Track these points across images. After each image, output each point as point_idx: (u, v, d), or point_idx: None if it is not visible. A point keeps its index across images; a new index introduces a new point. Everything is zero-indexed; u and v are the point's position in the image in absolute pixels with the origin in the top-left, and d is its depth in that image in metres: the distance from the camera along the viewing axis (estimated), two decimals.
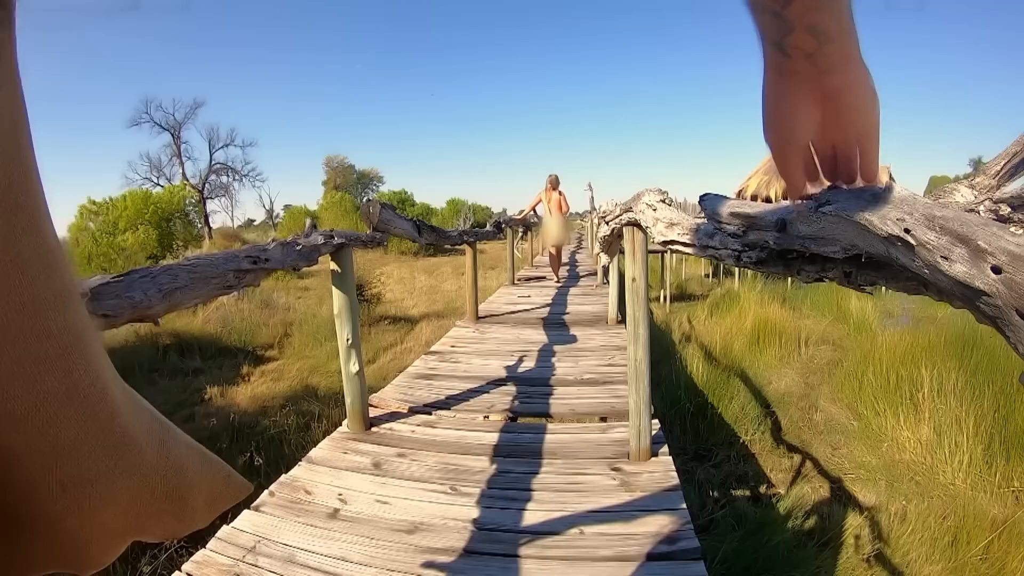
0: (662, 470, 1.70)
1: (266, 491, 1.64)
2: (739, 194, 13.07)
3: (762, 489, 2.68)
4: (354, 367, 2.08)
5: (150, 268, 1.03)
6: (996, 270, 0.36)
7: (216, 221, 25.17)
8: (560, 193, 6.27)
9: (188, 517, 0.23)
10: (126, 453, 0.19)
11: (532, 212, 7.29)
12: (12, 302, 0.14)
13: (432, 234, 3.13)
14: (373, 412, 2.24)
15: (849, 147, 0.34)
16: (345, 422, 2.15)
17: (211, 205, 24.41)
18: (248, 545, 1.36)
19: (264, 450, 2.96)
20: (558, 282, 6.73)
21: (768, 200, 11.97)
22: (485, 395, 2.51)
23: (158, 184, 21.50)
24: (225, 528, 1.44)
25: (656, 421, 1.98)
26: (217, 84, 50.47)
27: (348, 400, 2.11)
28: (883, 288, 0.61)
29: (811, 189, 0.38)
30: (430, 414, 2.29)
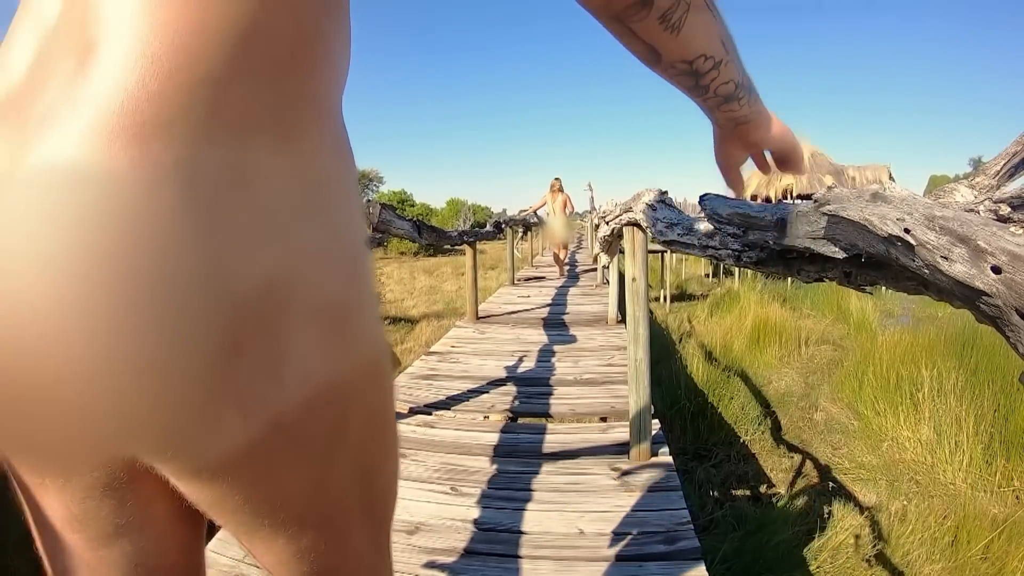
0: (662, 470, 1.70)
1: None
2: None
3: (762, 489, 2.68)
4: None
5: None
6: (996, 270, 0.36)
7: None
8: (566, 195, 6.84)
9: None
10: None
11: (533, 213, 7.63)
12: (362, 234, 0.31)
13: (432, 234, 3.13)
14: None
15: (784, 166, 0.52)
16: None
17: None
18: None
19: None
20: (560, 276, 6.92)
21: (768, 200, 11.97)
22: (485, 395, 2.51)
23: None
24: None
25: (656, 421, 1.98)
26: None
27: None
28: (883, 288, 0.61)
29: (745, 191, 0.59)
30: (430, 414, 2.29)
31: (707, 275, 10.26)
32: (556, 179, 6.78)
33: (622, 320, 3.89)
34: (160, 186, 0.22)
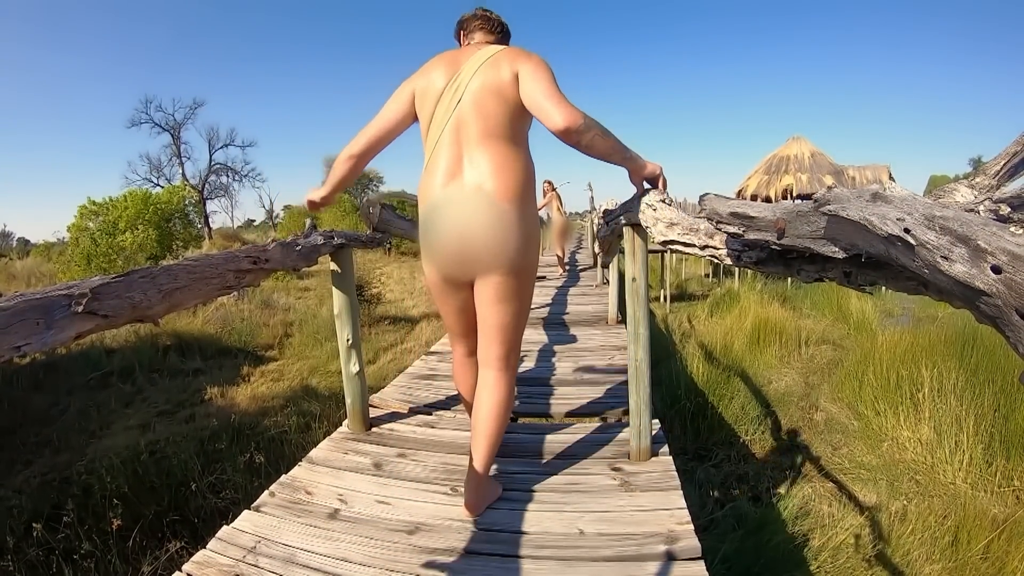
0: (662, 470, 1.70)
1: (266, 491, 1.64)
2: (739, 194, 13.05)
3: (762, 489, 2.68)
4: (354, 367, 2.08)
5: (150, 268, 1.03)
6: (996, 270, 0.36)
7: (216, 221, 25.18)
8: (558, 193, 7.36)
9: None
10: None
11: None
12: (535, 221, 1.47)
13: None
14: (373, 412, 2.24)
15: (651, 173, 1.53)
16: (345, 422, 2.15)
17: (211, 205, 24.43)
18: (248, 545, 1.36)
19: (264, 450, 2.96)
20: (560, 276, 7.01)
21: (768, 200, 11.96)
22: None
23: (158, 184, 21.48)
24: (225, 528, 1.44)
25: (656, 421, 1.98)
26: (217, 84, 50.44)
27: (348, 400, 2.11)
28: (883, 288, 0.61)
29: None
30: (430, 414, 2.29)
31: (707, 275, 10.27)
32: (548, 181, 7.38)
33: (622, 320, 3.90)
34: (508, 211, 1.33)
